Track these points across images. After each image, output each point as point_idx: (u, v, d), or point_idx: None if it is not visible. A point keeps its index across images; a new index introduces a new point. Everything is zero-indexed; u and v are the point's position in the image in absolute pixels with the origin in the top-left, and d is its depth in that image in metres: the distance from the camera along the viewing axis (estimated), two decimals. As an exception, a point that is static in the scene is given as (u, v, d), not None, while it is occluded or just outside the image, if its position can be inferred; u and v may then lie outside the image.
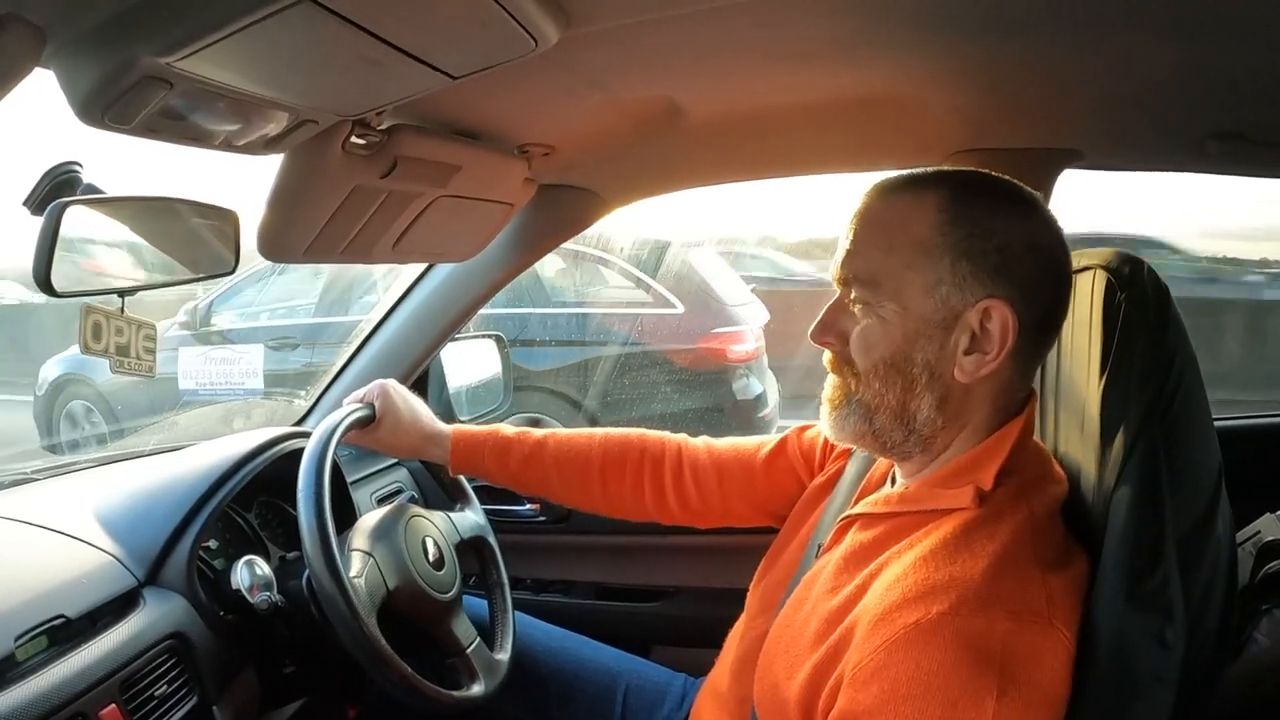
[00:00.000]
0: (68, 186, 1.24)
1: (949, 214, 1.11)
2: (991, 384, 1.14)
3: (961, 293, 1.10)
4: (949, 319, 1.11)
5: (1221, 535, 1.07)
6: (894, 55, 1.36)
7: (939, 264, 1.10)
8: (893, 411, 1.16)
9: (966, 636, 0.96)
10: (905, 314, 1.12)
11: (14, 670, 1.20)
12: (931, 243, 1.11)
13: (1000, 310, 1.09)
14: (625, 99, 1.52)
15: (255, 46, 0.93)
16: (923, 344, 1.12)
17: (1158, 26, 1.23)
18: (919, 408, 1.14)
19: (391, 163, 1.41)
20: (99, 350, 1.29)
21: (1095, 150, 1.78)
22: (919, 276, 1.11)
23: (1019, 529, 1.06)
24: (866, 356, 1.16)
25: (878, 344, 1.14)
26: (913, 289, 1.12)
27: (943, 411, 1.15)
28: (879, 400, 1.16)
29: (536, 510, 2.34)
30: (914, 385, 1.14)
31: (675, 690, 1.77)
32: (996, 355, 1.10)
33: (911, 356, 1.13)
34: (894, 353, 1.14)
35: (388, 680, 1.44)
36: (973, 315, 1.10)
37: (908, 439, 1.17)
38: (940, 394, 1.14)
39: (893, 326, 1.13)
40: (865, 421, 1.18)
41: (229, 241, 1.48)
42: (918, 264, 1.11)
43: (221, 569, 1.59)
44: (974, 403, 1.15)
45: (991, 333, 1.10)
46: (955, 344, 1.12)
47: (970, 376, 1.12)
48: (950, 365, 1.12)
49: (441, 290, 2.17)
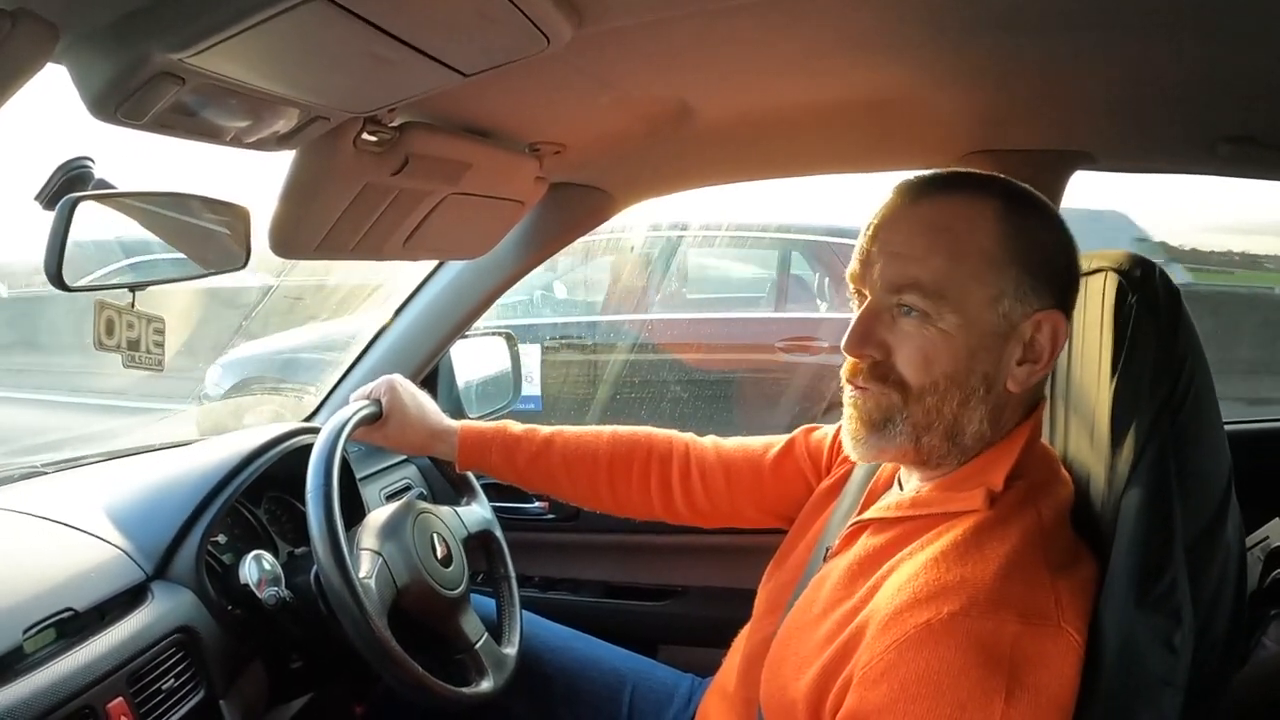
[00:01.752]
0: (79, 182, 1.24)
1: (1008, 224, 1.11)
2: (1030, 392, 1.15)
3: (1021, 306, 1.10)
4: (1007, 331, 1.11)
5: (1230, 540, 1.07)
6: (906, 56, 1.36)
7: (1003, 276, 1.10)
8: (945, 429, 1.14)
9: (977, 637, 0.96)
10: (968, 327, 1.10)
11: (22, 662, 1.21)
12: (995, 255, 1.10)
13: (1052, 320, 1.11)
14: (637, 98, 1.52)
15: (268, 43, 0.93)
16: (983, 356, 1.11)
17: (1169, 29, 1.22)
18: (970, 420, 1.13)
19: (403, 160, 1.41)
20: (111, 345, 1.29)
21: (1106, 152, 1.78)
22: (983, 289, 1.10)
23: (1028, 531, 1.06)
24: (925, 372, 1.12)
25: (940, 358, 1.11)
26: (977, 301, 1.10)
27: (991, 423, 1.14)
28: (932, 418, 1.13)
29: (545, 508, 2.34)
30: (969, 399, 1.12)
31: (682, 691, 1.77)
32: (1046, 364, 1.12)
33: (974, 369, 1.11)
34: (957, 367, 1.11)
35: (396, 678, 1.44)
36: (1027, 326, 1.11)
37: (950, 452, 1.16)
38: (992, 405, 1.13)
39: (956, 340, 1.10)
40: (912, 441, 1.15)
41: (240, 237, 1.48)
42: (984, 276, 1.10)
43: (230, 564, 1.59)
44: (1011, 411, 1.15)
45: (1041, 343, 1.11)
46: (1011, 355, 1.12)
47: (1022, 386, 1.12)
48: (1004, 376, 1.12)
49: (452, 288, 2.17)
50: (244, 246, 1.48)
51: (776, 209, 5.93)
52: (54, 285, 1.21)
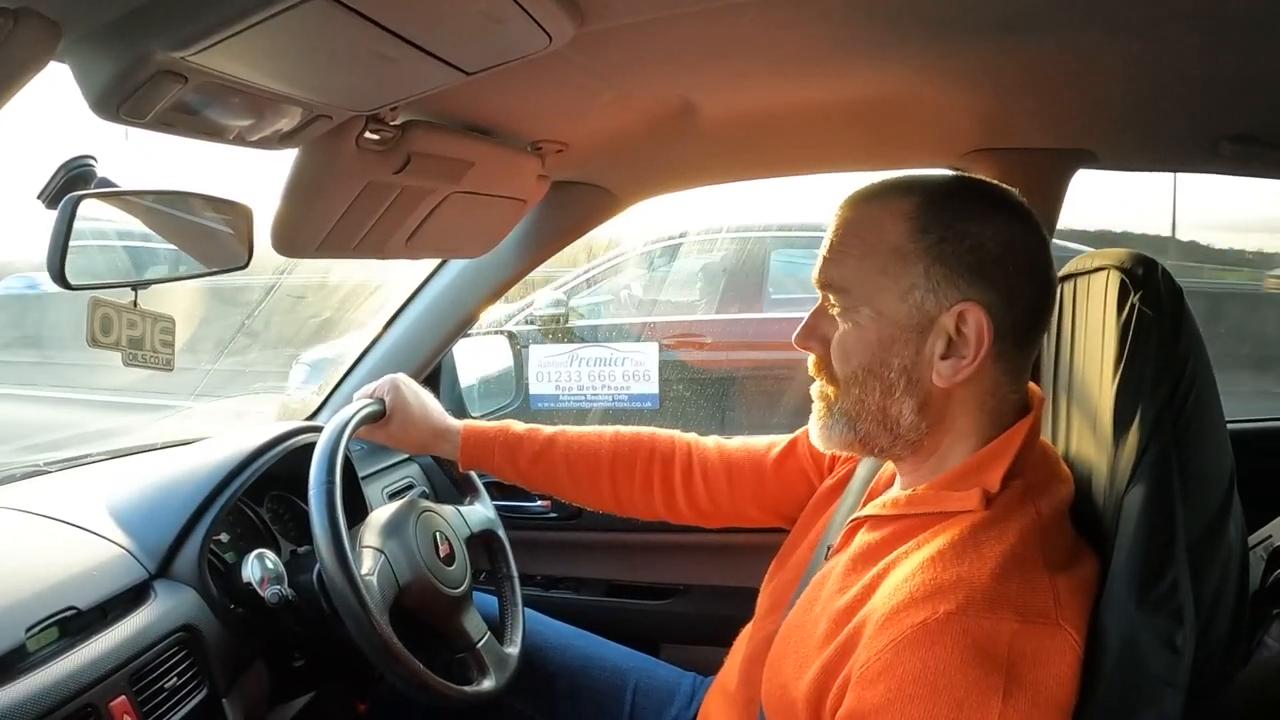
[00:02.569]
0: (82, 180, 1.24)
1: (921, 219, 1.12)
2: (975, 387, 1.15)
3: (935, 297, 1.11)
4: (924, 324, 1.12)
5: (1233, 539, 1.07)
6: (908, 54, 1.36)
7: (913, 269, 1.11)
8: (874, 417, 1.17)
9: (973, 637, 0.96)
10: (880, 320, 1.13)
11: (25, 661, 1.21)
12: (904, 249, 1.12)
13: (975, 313, 1.10)
14: (639, 96, 1.52)
15: (270, 42, 0.93)
16: (898, 349, 1.13)
17: (1172, 27, 1.22)
18: (900, 412, 1.15)
19: (405, 158, 1.41)
20: (109, 343, 1.29)
21: (1109, 151, 1.77)
22: (893, 283, 1.12)
23: (1026, 530, 1.06)
24: (845, 364, 1.17)
25: (854, 351, 1.16)
26: (887, 295, 1.13)
27: (925, 416, 1.15)
28: (859, 407, 1.17)
29: (547, 507, 2.35)
30: (892, 390, 1.15)
31: (684, 689, 1.77)
32: (973, 359, 1.11)
33: (888, 361, 1.14)
34: (870, 359, 1.15)
35: (399, 677, 1.44)
36: (948, 319, 1.11)
37: (894, 443, 1.18)
38: (920, 399, 1.14)
39: (868, 332, 1.14)
40: (850, 430, 1.19)
41: (242, 236, 1.48)
42: (891, 270, 1.12)
43: (232, 562, 1.59)
44: (957, 406, 1.15)
45: (968, 336, 1.10)
46: (931, 349, 1.12)
47: (948, 381, 1.12)
48: (927, 370, 1.13)
49: (454, 286, 2.17)
50: (247, 245, 1.48)
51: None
52: (56, 283, 1.21)
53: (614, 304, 6.56)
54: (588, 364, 4.86)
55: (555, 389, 4.90)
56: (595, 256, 6.63)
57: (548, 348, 5.54)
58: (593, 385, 4.83)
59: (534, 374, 4.81)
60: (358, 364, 2.24)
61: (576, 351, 4.96)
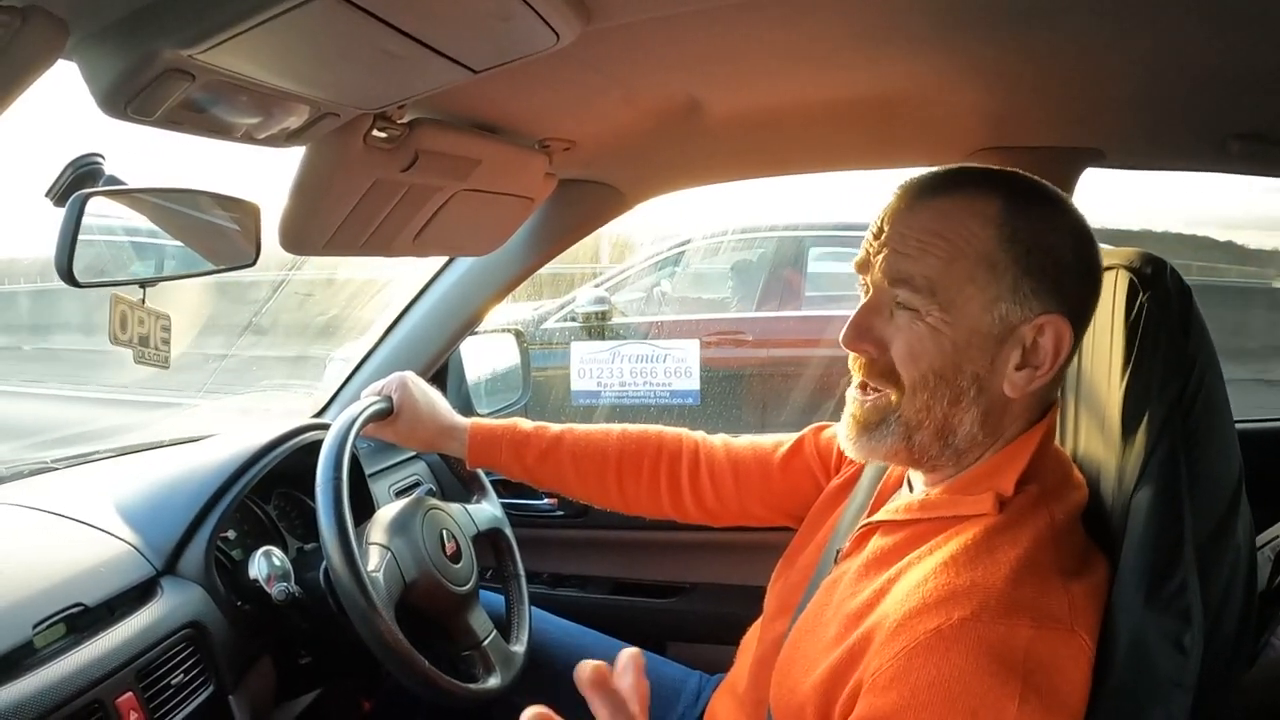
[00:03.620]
0: (90, 178, 1.25)
1: (1009, 227, 1.09)
2: (1034, 397, 1.13)
3: (1020, 309, 1.09)
4: (1004, 334, 1.09)
5: (1241, 539, 1.06)
6: (916, 53, 1.36)
7: (1001, 280, 1.08)
8: (936, 428, 1.13)
9: (988, 643, 0.96)
10: (957, 325, 1.09)
11: (32, 657, 1.22)
12: (994, 257, 1.08)
13: (1056, 326, 1.08)
14: (646, 94, 1.52)
15: (277, 40, 0.93)
16: (974, 355, 1.10)
17: (1180, 25, 1.22)
18: (962, 422, 1.12)
19: (412, 156, 1.41)
20: (125, 340, 1.30)
21: (1117, 149, 1.77)
22: (980, 292, 1.09)
23: (1041, 535, 1.05)
24: (914, 366, 1.11)
25: (927, 353, 1.10)
26: (972, 302, 1.09)
27: (985, 427, 1.12)
28: (923, 416, 1.12)
29: (554, 504, 2.35)
30: (960, 399, 1.11)
31: (690, 688, 1.77)
32: (1049, 370, 1.09)
33: (961, 368, 1.10)
34: (944, 364, 1.10)
35: (405, 674, 1.44)
36: (1027, 330, 1.09)
37: (943, 453, 1.15)
38: (985, 408, 1.11)
39: (944, 337, 1.09)
40: (904, 440, 1.14)
41: (249, 234, 1.48)
42: (980, 278, 1.08)
43: (239, 559, 1.60)
44: (1012, 416, 1.14)
45: (1044, 347, 1.09)
46: (1007, 358, 1.10)
47: (1020, 391, 1.10)
48: (999, 379, 1.11)
49: (462, 284, 2.18)
50: (254, 243, 1.48)
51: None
52: (64, 281, 1.21)
53: (649, 301, 6.55)
54: (629, 360, 4.86)
55: (597, 385, 4.91)
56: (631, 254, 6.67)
57: (590, 344, 5.56)
58: (634, 381, 4.83)
59: (576, 370, 4.86)
60: (365, 361, 2.24)
61: (618, 348, 4.97)
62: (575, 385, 4.82)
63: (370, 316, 5.02)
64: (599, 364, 4.91)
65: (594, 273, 7.03)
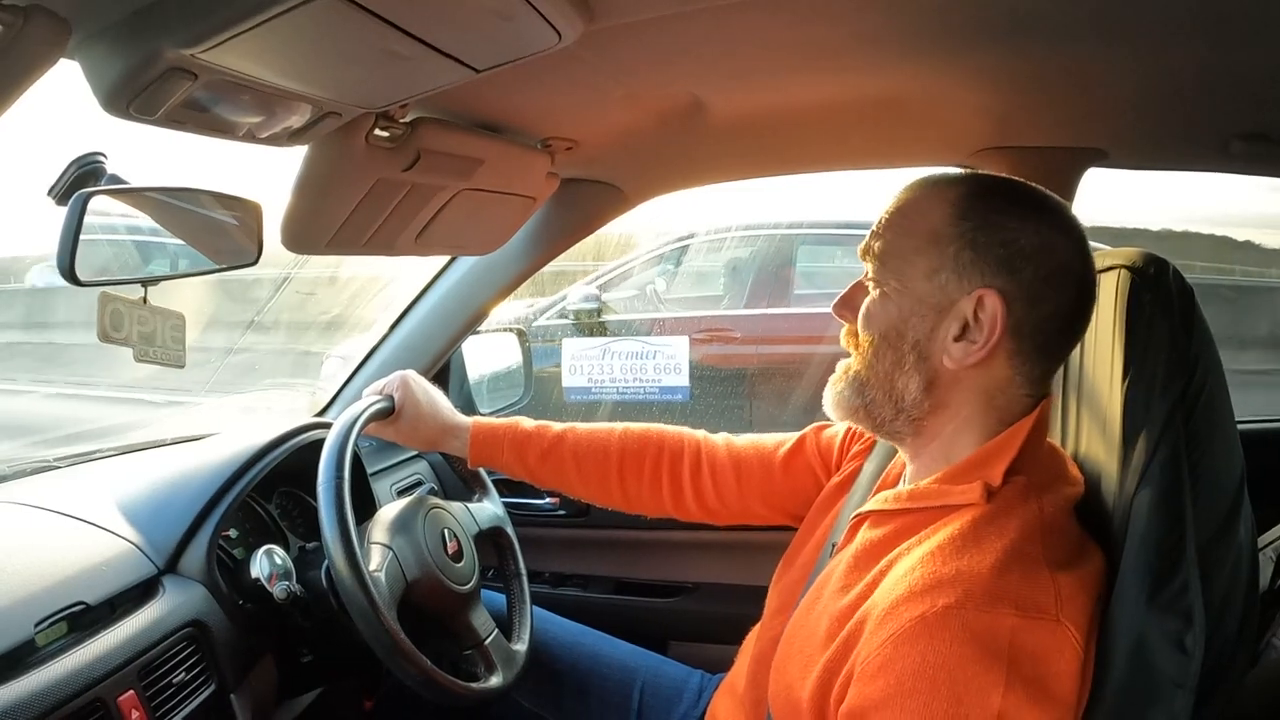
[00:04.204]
0: (92, 177, 1.25)
1: (961, 206, 1.14)
2: (983, 376, 1.15)
3: (959, 280, 1.12)
4: (943, 304, 1.13)
5: (1243, 540, 1.06)
6: (919, 53, 1.36)
7: (944, 251, 1.13)
8: (881, 386, 1.18)
9: (973, 630, 0.96)
10: (904, 293, 1.15)
11: (34, 656, 1.21)
12: (941, 232, 1.14)
13: (992, 300, 1.10)
14: (648, 94, 1.52)
15: (279, 39, 0.94)
16: (915, 323, 1.15)
17: (1182, 26, 1.22)
18: (906, 386, 1.17)
19: (415, 155, 1.41)
20: (119, 339, 1.29)
21: (1120, 150, 1.77)
22: (923, 260, 1.14)
23: (1029, 526, 1.06)
24: (866, 329, 1.19)
25: (876, 317, 1.18)
26: (915, 270, 1.15)
27: (929, 395, 1.16)
28: (870, 373, 1.19)
29: (555, 503, 2.35)
30: (902, 362, 1.16)
31: (692, 687, 1.77)
32: (984, 345, 1.11)
33: (903, 334, 1.16)
34: (888, 328, 1.17)
35: (406, 673, 1.44)
36: (966, 303, 1.12)
37: (897, 417, 1.19)
38: (928, 377, 1.16)
39: (890, 303, 1.16)
40: (858, 395, 1.21)
41: (251, 233, 1.48)
42: (925, 249, 1.14)
43: (241, 558, 1.60)
44: (963, 392, 1.16)
45: (982, 322, 1.11)
46: (946, 329, 1.13)
47: (957, 364, 1.13)
48: (939, 349, 1.14)
49: (464, 283, 2.18)
50: (256, 242, 1.48)
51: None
52: (66, 279, 1.21)
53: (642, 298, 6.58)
54: (620, 357, 4.87)
55: (587, 382, 4.92)
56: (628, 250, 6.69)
57: (580, 341, 5.59)
58: (624, 378, 4.85)
59: (567, 367, 4.87)
60: (367, 360, 2.25)
61: (609, 345, 4.97)
62: (566, 382, 4.85)
63: (372, 315, 4.99)
64: (590, 360, 4.91)
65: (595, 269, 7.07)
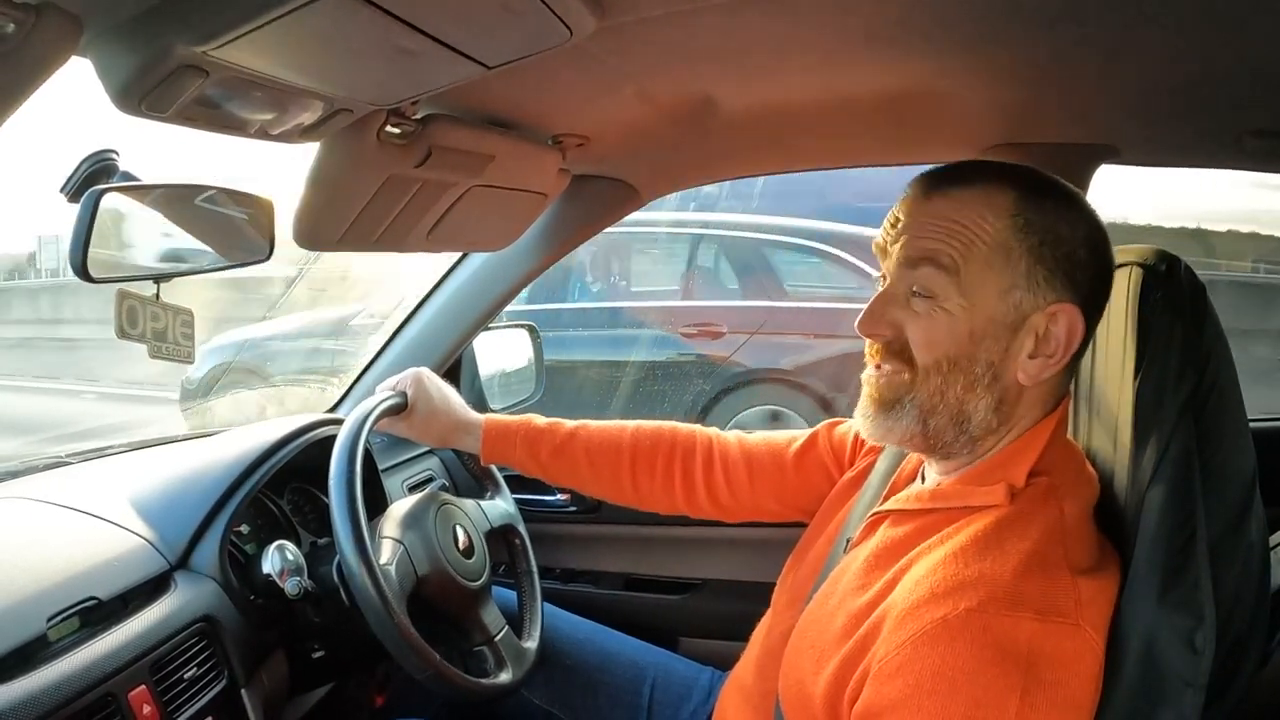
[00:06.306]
0: (104, 174, 1.25)
1: (1022, 218, 1.11)
2: (1046, 387, 1.14)
3: (1034, 297, 1.10)
4: (1017, 322, 1.11)
5: (1254, 538, 1.06)
6: (930, 49, 1.35)
7: (1015, 268, 1.10)
8: (951, 413, 1.14)
9: (993, 634, 0.96)
10: (973, 312, 1.11)
11: (46, 650, 1.22)
12: (1009, 246, 1.10)
13: (1068, 314, 1.10)
14: (660, 90, 1.52)
15: (291, 36, 0.94)
16: (989, 344, 1.12)
17: (1196, 21, 1.21)
18: (977, 409, 1.14)
19: (426, 152, 1.41)
20: (135, 335, 1.30)
21: (1132, 146, 1.76)
22: (995, 278, 1.11)
23: (1050, 529, 1.06)
24: (929, 351, 1.14)
25: (942, 340, 1.13)
26: (987, 290, 1.11)
27: (999, 414, 1.14)
28: (937, 400, 1.14)
29: (567, 500, 2.34)
30: (974, 385, 1.13)
31: (702, 684, 1.77)
32: (1061, 358, 1.11)
33: (975, 356, 1.12)
34: (958, 351, 1.13)
35: (416, 668, 1.44)
36: (1040, 319, 1.10)
37: (958, 439, 1.16)
38: (999, 395, 1.13)
39: (959, 323, 1.12)
40: (919, 423, 1.16)
41: (264, 229, 1.48)
42: (996, 265, 1.11)
43: (253, 554, 1.60)
44: (1027, 405, 1.15)
45: (1057, 336, 1.10)
46: (1020, 346, 1.11)
47: (1033, 380, 1.12)
48: (1013, 367, 1.12)
49: (475, 280, 2.18)
50: (268, 238, 1.48)
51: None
52: (79, 276, 1.21)
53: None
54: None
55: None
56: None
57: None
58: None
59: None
60: (379, 357, 2.25)
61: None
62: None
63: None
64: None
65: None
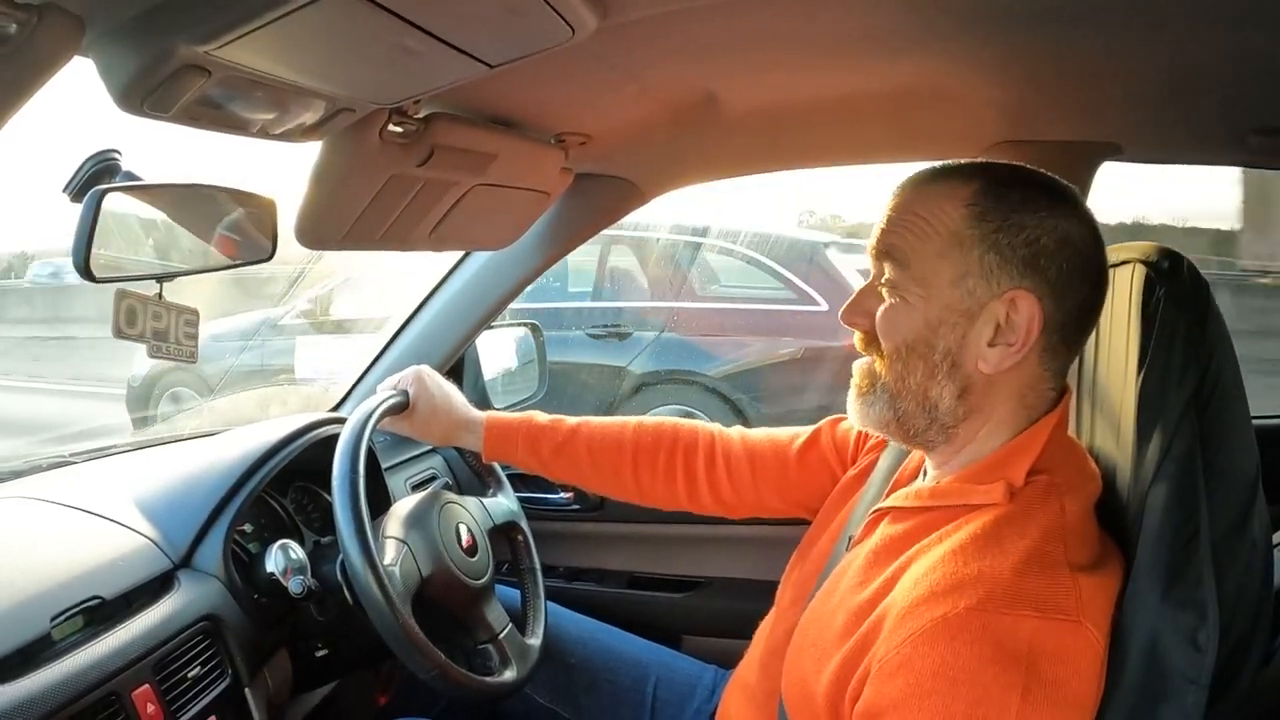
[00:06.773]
0: (107, 173, 1.25)
1: (980, 206, 1.12)
2: (1016, 378, 1.14)
3: (988, 284, 1.11)
4: (974, 309, 1.11)
5: (1257, 536, 1.06)
6: (932, 46, 1.35)
7: (968, 255, 1.11)
8: (915, 397, 1.16)
9: (993, 633, 0.96)
10: (929, 300, 1.13)
11: (50, 649, 1.22)
12: (962, 234, 1.11)
13: (1026, 302, 1.09)
14: (662, 89, 1.52)
15: (293, 35, 0.94)
16: (945, 331, 1.13)
17: (1198, 19, 1.21)
18: (941, 396, 1.15)
19: (428, 151, 1.41)
20: (134, 335, 1.30)
21: (1134, 144, 1.76)
22: (948, 266, 1.12)
23: (1050, 526, 1.05)
24: (890, 338, 1.16)
25: (900, 326, 1.15)
26: (940, 277, 1.12)
27: (964, 402, 1.15)
28: (901, 384, 1.16)
29: (570, 498, 2.34)
30: (935, 372, 1.14)
31: (705, 682, 1.77)
32: (1021, 347, 1.10)
33: (933, 343, 1.13)
34: (915, 337, 1.14)
35: (421, 667, 1.44)
36: (998, 306, 1.10)
37: (930, 427, 1.17)
38: (962, 384, 1.14)
39: (915, 310, 1.14)
40: (889, 408, 1.18)
41: (266, 229, 1.48)
42: (949, 254, 1.12)
43: (256, 553, 1.60)
44: (997, 395, 1.15)
45: (1017, 324, 1.10)
46: (979, 334, 1.12)
47: (993, 368, 1.12)
48: (973, 355, 1.12)
49: (478, 278, 2.18)
50: (271, 238, 1.48)
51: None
52: (81, 276, 1.21)
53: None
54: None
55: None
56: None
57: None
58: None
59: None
60: (381, 356, 2.25)
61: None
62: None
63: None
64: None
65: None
